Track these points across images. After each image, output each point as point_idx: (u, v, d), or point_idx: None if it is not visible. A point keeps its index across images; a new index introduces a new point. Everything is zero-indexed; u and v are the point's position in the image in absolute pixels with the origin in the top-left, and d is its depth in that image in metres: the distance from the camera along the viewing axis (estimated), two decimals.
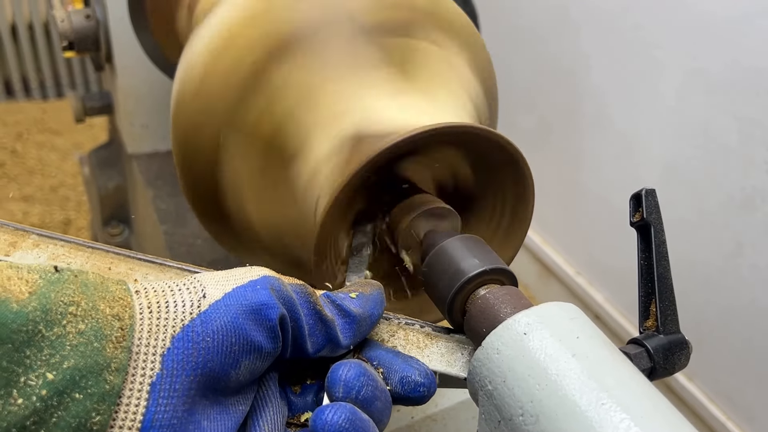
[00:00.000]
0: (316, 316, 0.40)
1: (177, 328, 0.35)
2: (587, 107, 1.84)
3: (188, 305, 0.36)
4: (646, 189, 0.45)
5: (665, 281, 0.43)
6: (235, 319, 0.36)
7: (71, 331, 0.32)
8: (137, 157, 1.13)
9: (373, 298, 0.42)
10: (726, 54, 1.44)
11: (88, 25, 1.03)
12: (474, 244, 0.47)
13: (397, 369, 0.41)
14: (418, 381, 0.41)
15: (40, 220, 2.31)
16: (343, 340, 0.40)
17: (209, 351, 0.35)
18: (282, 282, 0.39)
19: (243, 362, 0.36)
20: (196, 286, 0.37)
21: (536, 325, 0.39)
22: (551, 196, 2.01)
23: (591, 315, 1.93)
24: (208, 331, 0.35)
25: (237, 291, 0.37)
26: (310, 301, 0.40)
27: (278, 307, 0.37)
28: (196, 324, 0.35)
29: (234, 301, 0.36)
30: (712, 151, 1.51)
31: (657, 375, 0.42)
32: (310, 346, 0.39)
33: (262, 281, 0.38)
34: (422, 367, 0.42)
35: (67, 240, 0.50)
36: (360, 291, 0.43)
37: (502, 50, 2.06)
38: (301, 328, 0.39)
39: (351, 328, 0.41)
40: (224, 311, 0.36)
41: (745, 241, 1.48)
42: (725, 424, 1.58)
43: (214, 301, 0.36)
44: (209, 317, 0.35)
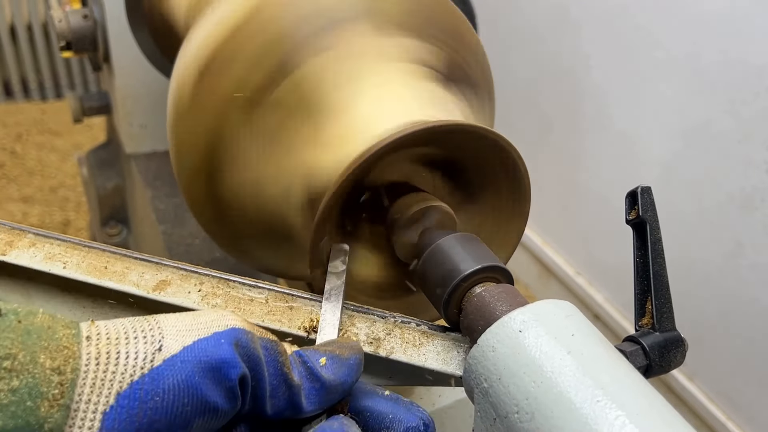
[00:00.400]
0: (281, 377, 0.37)
1: (124, 384, 0.32)
2: (587, 107, 1.83)
3: (140, 358, 0.33)
4: (642, 186, 0.45)
5: (661, 279, 0.43)
6: (190, 377, 0.33)
7: (3, 389, 0.30)
8: (135, 158, 1.13)
9: (348, 364, 0.39)
10: (726, 53, 1.44)
11: (86, 25, 1.03)
12: (470, 242, 0.47)
13: (402, 419, 0.39)
14: (423, 430, 0.39)
15: (40, 221, 2.31)
16: (307, 406, 0.38)
17: (157, 411, 0.32)
18: (250, 337, 0.36)
19: (196, 422, 0.33)
20: (155, 335, 0.34)
21: (532, 323, 0.39)
22: (551, 196, 2.00)
23: (591, 315, 1.93)
24: (158, 389, 0.32)
25: (198, 344, 0.34)
26: (278, 360, 0.37)
27: (240, 366, 0.34)
28: (146, 381, 0.32)
29: (192, 356, 0.34)
30: (711, 150, 1.51)
31: (653, 372, 0.42)
32: (269, 408, 0.37)
33: (228, 334, 0.35)
34: (426, 415, 0.40)
35: (64, 239, 0.50)
36: (337, 353, 0.40)
37: (501, 50, 2.06)
38: (263, 389, 0.36)
39: (318, 395, 0.38)
40: (180, 368, 0.33)
41: (744, 241, 1.48)
42: (725, 423, 1.58)
43: (170, 356, 0.33)
44: (161, 374, 0.33)
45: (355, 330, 0.46)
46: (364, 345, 0.45)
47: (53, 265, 0.48)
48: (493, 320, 0.40)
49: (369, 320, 0.47)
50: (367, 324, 0.46)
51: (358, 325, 0.46)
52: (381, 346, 0.46)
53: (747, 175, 1.44)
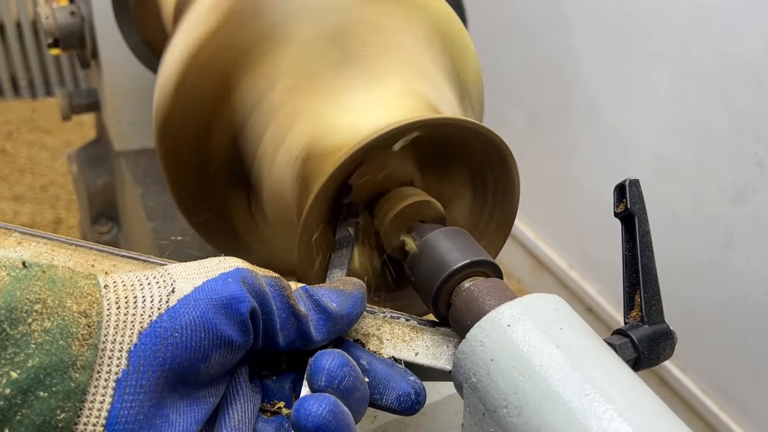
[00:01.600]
0: (288, 310, 0.39)
1: (144, 324, 0.35)
2: (578, 101, 1.83)
3: (156, 300, 0.36)
4: (630, 179, 0.45)
5: (649, 271, 0.43)
6: (204, 313, 0.36)
7: (36, 329, 0.32)
8: (125, 155, 1.12)
9: (352, 297, 0.42)
10: (717, 46, 1.44)
11: (73, 21, 1.02)
12: (459, 237, 0.46)
13: (394, 386, 0.41)
14: (415, 399, 0.41)
15: (31, 220, 2.30)
16: (316, 336, 0.40)
17: (177, 346, 0.35)
18: (255, 274, 0.39)
19: (213, 356, 0.36)
20: (167, 280, 0.37)
21: (520, 317, 0.38)
22: (543, 190, 2.01)
23: (584, 308, 1.93)
24: (176, 326, 0.35)
25: (207, 284, 0.37)
26: (283, 294, 0.39)
27: (249, 300, 0.37)
28: (164, 320, 0.35)
29: (204, 295, 0.36)
30: (703, 143, 1.51)
31: (642, 365, 0.42)
32: (281, 339, 0.39)
33: (234, 273, 0.38)
34: (418, 384, 0.42)
35: (50, 237, 0.49)
36: (341, 288, 0.42)
37: (491, 45, 2.06)
38: (273, 321, 0.38)
39: (325, 325, 0.40)
40: (193, 306, 0.36)
41: (737, 233, 1.48)
42: (718, 414, 1.58)
43: (183, 296, 0.36)
44: (178, 312, 0.35)
45: None
46: (353, 341, 0.45)
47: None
48: (481, 315, 0.40)
49: None
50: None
51: None
52: (370, 341, 0.45)
53: (738, 167, 1.45)
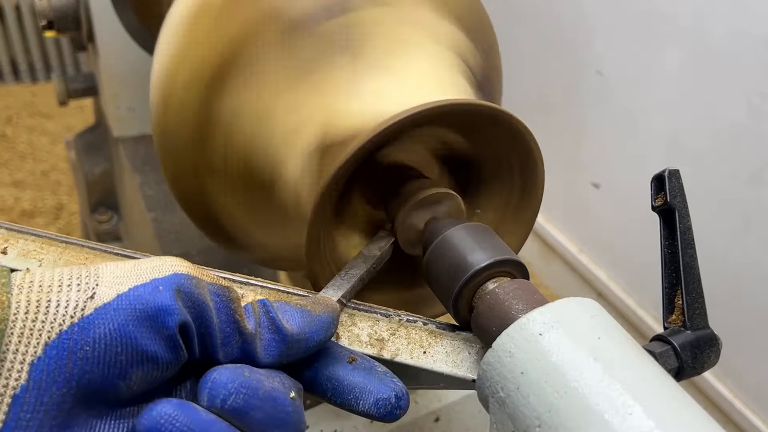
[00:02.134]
0: (233, 325, 0.35)
1: (53, 334, 0.31)
2: (589, 81, 1.79)
3: (71, 307, 0.32)
4: (670, 170, 0.41)
5: (692, 271, 0.40)
6: (123, 325, 0.32)
7: None
8: (123, 141, 1.08)
9: (319, 321, 0.37)
10: (732, 25, 1.40)
11: (68, 2, 0.98)
12: (480, 233, 0.43)
13: (372, 390, 0.37)
14: (394, 403, 0.37)
15: (32, 205, 2.28)
16: (263, 358, 0.35)
17: (88, 362, 0.31)
18: (196, 283, 0.34)
19: (134, 373, 0.32)
20: (89, 283, 0.33)
21: (553, 325, 0.35)
22: (553, 172, 1.96)
23: (594, 293, 1.90)
24: (88, 339, 0.31)
25: (133, 292, 0.33)
26: (229, 307, 0.35)
27: (179, 312, 0.33)
28: (75, 330, 0.31)
29: (126, 304, 0.32)
30: (718, 126, 1.47)
31: (685, 374, 0.39)
32: (222, 356, 0.35)
33: (167, 281, 0.33)
34: (399, 386, 0.37)
35: (39, 234, 0.46)
36: (308, 308, 0.38)
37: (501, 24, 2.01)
38: (212, 336, 0.34)
39: (277, 347, 0.36)
40: (112, 316, 0.32)
41: (753, 218, 1.44)
42: (732, 402, 1.56)
43: (102, 304, 0.32)
44: (91, 323, 0.31)
45: (356, 330, 0.42)
46: (366, 346, 0.42)
47: (28, 262, 0.45)
48: (508, 321, 0.36)
49: (372, 319, 0.43)
50: (369, 323, 0.43)
51: (359, 324, 0.43)
52: (385, 347, 0.42)
53: (755, 149, 1.41)
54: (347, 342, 0.42)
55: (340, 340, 0.42)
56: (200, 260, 0.90)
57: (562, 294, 2.05)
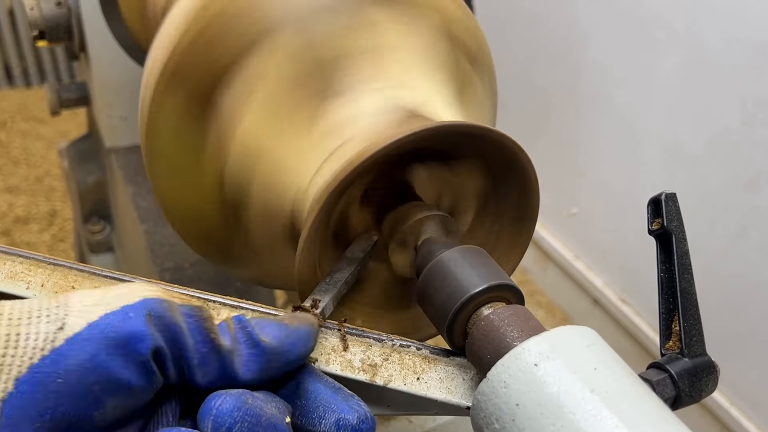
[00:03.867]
0: (209, 345, 0.34)
1: (23, 368, 0.30)
2: (586, 87, 1.79)
3: (41, 339, 0.31)
4: (666, 193, 0.40)
5: (689, 296, 0.39)
6: (95, 355, 0.31)
7: None
8: (116, 151, 1.08)
9: (297, 334, 0.37)
10: (728, 31, 1.40)
11: (59, 12, 0.97)
12: (475, 257, 0.42)
13: (335, 409, 0.36)
14: (356, 426, 0.36)
15: (26, 212, 2.27)
16: (243, 374, 0.35)
17: (61, 394, 0.30)
18: (167, 306, 0.34)
19: (108, 402, 0.32)
20: (58, 314, 0.32)
21: (549, 355, 0.34)
22: (549, 178, 1.96)
23: (590, 300, 1.89)
24: (60, 370, 0.31)
25: (104, 320, 0.32)
26: (203, 327, 0.35)
27: (152, 337, 0.32)
28: (46, 363, 0.31)
29: (97, 333, 0.32)
30: (714, 131, 1.47)
31: (682, 403, 0.38)
32: (200, 377, 0.34)
33: (138, 306, 0.33)
34: (363, 410, 0.37)
35: (27, 256, 0.45)
36: (285, 322, 0.37)
37: (498, 30, 2.01)
38: (189, 359, 0.34)
39: (256, 361, 0.35)
40: (82, 346, 0.31)
41: (749, 224, 1.44)
42: (729, 410, 1.55)
43: (72, 334, 0.31)
44: (63, 354, 0.31)
45: (349, 355, 0.42)
46: (358, 372, 0.41)
47: (15, 285, 0.44)
48: (503, 350, 0.36)
49: (364, 344, 0.42)
50: (362, 348, 0.42)
51: (352, 349, 0.42)
52: (378, 373, 0.41)
53: (751, 155, 1.41)
54: (339, 368, 0.41)
55: (332, 365, 0.41)
56: (193, 273, 0.89)
57: (558, 301, 2.05)
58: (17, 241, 2.14)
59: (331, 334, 0.42)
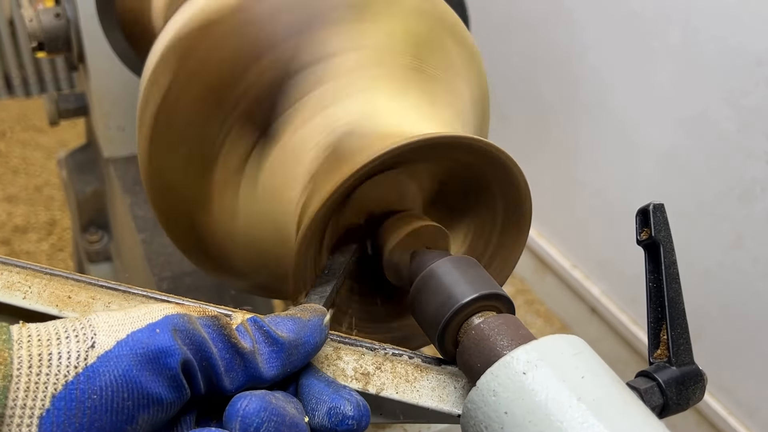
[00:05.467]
0: (232, 350, 0.35)
1: (59, 386, 0.31)
2: (582, 97, 1.80)
3: (74, 357, 0.32)
4: (654, 204, 0.41)
5: (677, 306, 0.39)
6: (127, 371, 0.32)
7: None
8: (114, 161, 1.08)
9: (310, 324, 0.38)
10: (724, 41, 1.40)
11: (58, 24, 0.98)
12: (466, 266, 0.42)
13: (326, 399, 0.37)
14: (348, 413, 0.37)
15: (25, 221, 2.27)
16: (267, 372, 0.36)
17: (96, 410, 0.31)
18: (188, 319, 0.35)
19: (140, 417, 0.32)
20: (87, 333, 0.33)
21: (537, 363, 0.35)
22: (546, 187, 1.97)
23: (587, 308, 1.90)
24: (95, 387, 0.31)
25: (132, 337, 0.33)
26: (224, 334, 0.36)
27: (180, 351, 0.33)
28: (81, 380, 0.31)
29: (127, 350, 0.33)
30: (710, 141, 1.48)
31: (669, 411, 0.38)
32: (228, 383, 0.35)
33: (163, 323, 0.34)
34: (354, 398, 0.37)
35: (23, 266, 0.46)
36: (298, 315, 0.38)
37: (494, 40, 2.02)
38: (215, 367, 0.35)
39: (278, 357, 0.36)
40: (115, 363, 0.32)
41: (745, 233, 1.44)
42: (726, 419, 1.55)
43: (104, 352, 0.32)
44: (96, 371, 0.32)
45: (342, 364, 0.42)
46: (351, 381, 0.41)
47: (12, 294, 0.44)
48: (493, 359, 0.36)
49: (357, 353, 0.43)
50: (354, 357, 0.42)
51: (345, 358, 0.42)
52: (370, 382, 0.41)
53: (746, 165, 1.41)
54: (332, 376, 0.41)
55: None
56: (191, 282, 0.90)
57: (556, 309, 2.05)
58: (16, 250, 2.14)
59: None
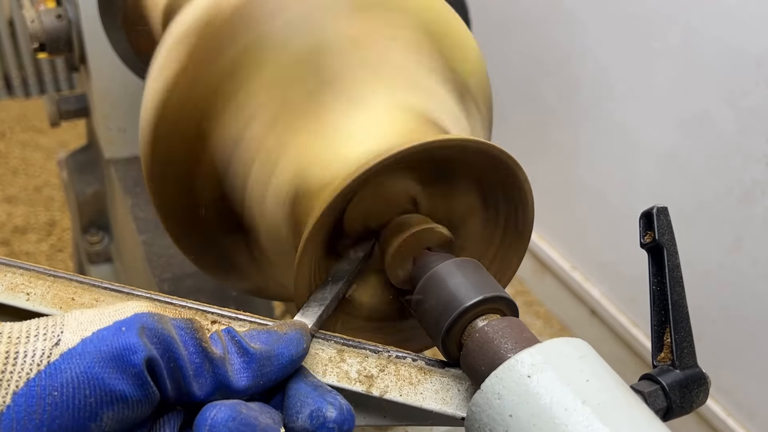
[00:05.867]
0: (202, 354, 0.35)
1: (21, 383, 0.32)
2: (583, 98, 1.80)
3: (38, 355, 0.32)
4: (658, 207, 0.41)
5: (680, 309, 0.39)
6: (89, 368, 0.32)
7: None
8: (115, 163, 1.08)
9: (286, 338, 0.38)
10: (724, 42, 1.41)
11: (60, 25, 0.98)
12: (470, 269, 0.43)
13: (310, 402, 0.37)
14: (329, 417, 0.36)
15: (25, 221, 2.27)
16: (238, 382, 0.36)
17: (57, 407, 0.31)
18: (159, 318, 0.35)
19: (105, 414, 0.32)
20: (55, 332, 0.34)
21: (542, 366, 0.35)
22: (546, 189, 1.97)
23: (587, 310, 1.90)
24: (56, 384, 0.32)
25: (97, 335, 0.33)
26: (195, 337, 0.36)
27: (144, 349, 0.33)
28: (42, 377, 0.32)
29: (91, 348, 0.33)
30: (710, 142, 1.48)
31: (673, 414, 0.38)
32: (197, 389, 0.35)
33: (130, 321, 0.34)
34: (338, 402, 0.37)
35: (27, 267, 0.46)
36: (274, 329, 0.38)
37: (494, 40, 2.02)
38: (183, 369, 0.35)
39: (249, 368, 0.36)
40: (78, 360, 0.32)
41: (744, 235, 1.45)
42: (726, 420, 1.55)
43: (67, 350, 0.33)
44: (58, 368, 0.32)
45: (345, 366, 0.42)
46: (355, 383, 0.41)
47: (15, 296, 0.45)
48: (497, 361, 0.36)
49: (360, 355, 0.43)
50: (358, 359, 0.42)
51: (348, 360, 0.42)
52: (374, 384, 0.42)
53: (746, 167, 1.41)
54: (336, 379, 0.41)
55: (328, 377, 0.42)
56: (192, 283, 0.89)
57: (556, 311, 2.05)
58: (16, 251, 2.14)
59: (327, 345, 0.42)
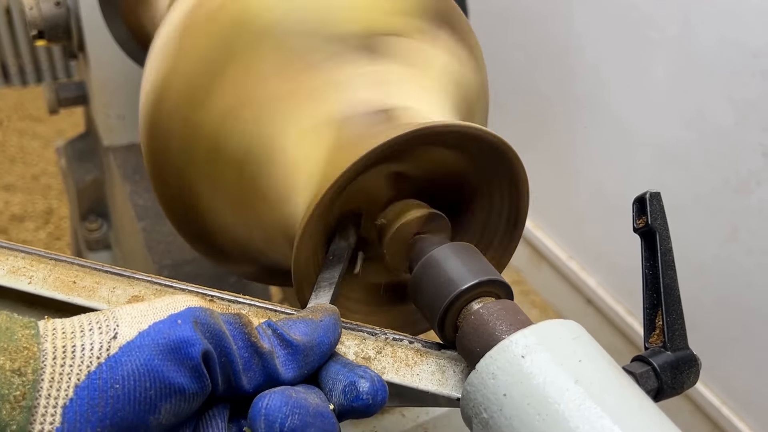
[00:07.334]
0: (251, 348, 0.36)
1: (82, 376, 0.32)
2: (580, 90, 1.80)
3: (96, 348, 0.33)
4: (651, 192, 0.42)
5: (672, 292, 0.40)
6: (149, 360, 0.33)
7: None
8: (114, 150, 1.09)
9: (323, 325, 0.39)
10: (721, 35, 1.41)
11: (58, 12, 0.98)
12: (466, 253, 0.43)
13: (342, 378, 0.38)
14: (362, 389, 0.37)
15: (22, 210, 2.27)
16: (285, 374, 0.37)
17: (118, 399, 0.32)
18: (210, 313, 0.36)
19: (163, 406, 0.33)
20: (110, 325, 0.34)
21: (535, 347, 0.35)
22: (544, 179, 1.97)
23: (584, 299, 1.91)
24: (117, 377, 0.32)
25: (153, 328, 0.34)
26: (244, 332, 0.36)
27: (201, 342, 0.34)
28: (103, 370, 0.32)
29: (149, 340, 0.33)
30: (706, 134, 1.48)
31: (664, 395, 0.39)
32: (246, 382, 0.36)
33: (184, 314, 0.35)
34: (369, 375, 0.38)
35: (29, 251, 0.46)
36: (309, 317, 0.39)
37: (492, 33, 2.02)
38: (234, 363, 0.35)
39: (295, 360, 0.37)
40: (137, 353, 0.33)
41: (740, 226, 1.45)
42: (720, 408, 1.56)
43: (125, 342, 0.33)
44: (119, 361, 0.32)
45: (343, 348, 0.43)
46: None
47: (17, 279, 0.45)
48: (492, 342, 0.37)
49: (358, 338, 0.43)
50: (356, 342, 0.43)
51: (346, 342, 0.43)
52: (371, 366, 0.42)
53: (742, 158, 1.42)
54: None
55: None
56: (190, 270, 0.90)
57: (552, 300, 2.06)
58: (13, 239, 2.14)
59: None
